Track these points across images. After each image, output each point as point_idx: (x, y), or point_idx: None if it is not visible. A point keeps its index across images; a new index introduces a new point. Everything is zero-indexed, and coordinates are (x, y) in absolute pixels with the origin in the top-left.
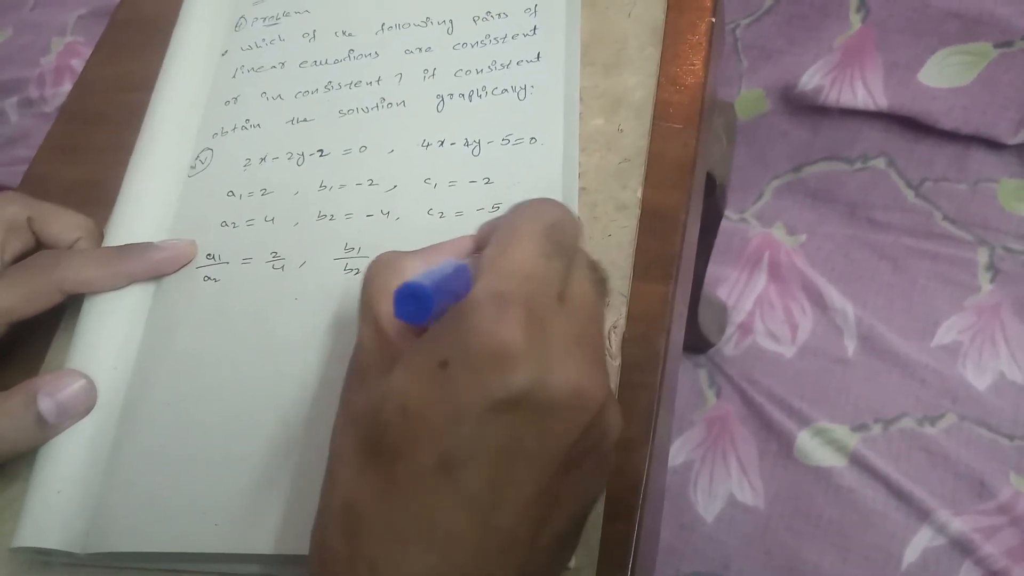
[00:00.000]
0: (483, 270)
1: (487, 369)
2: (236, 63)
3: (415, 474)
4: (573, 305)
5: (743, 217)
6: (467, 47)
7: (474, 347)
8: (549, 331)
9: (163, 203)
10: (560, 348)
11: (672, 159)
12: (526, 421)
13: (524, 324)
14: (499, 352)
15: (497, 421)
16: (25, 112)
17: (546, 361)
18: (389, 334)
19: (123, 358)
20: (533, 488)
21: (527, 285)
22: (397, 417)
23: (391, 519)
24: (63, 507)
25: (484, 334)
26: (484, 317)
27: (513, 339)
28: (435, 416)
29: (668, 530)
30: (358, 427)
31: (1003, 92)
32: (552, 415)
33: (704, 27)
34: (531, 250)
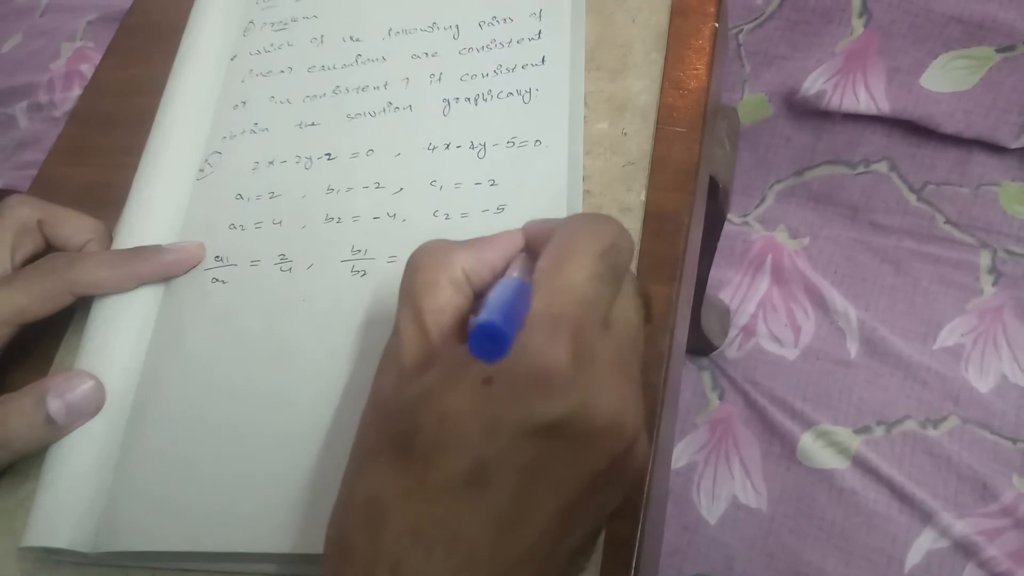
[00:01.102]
0: (538, 286)
1: (531, 392)
2: (245, 68)
3: (444, 482)
4: (617, 330)
5: (746, 220)
6: (473, 51)
7: (522, 368)
8: (595, 357)
9: (172, 206)
10: (603, 375)
11: (676, 162)
12: (561, 447)
13: (573, 349)
14: (545, 376)
15: (532, 444)
16: (35, 117)
17: (589, 389)
18: (431, 332)
19: (132, 359)
20: (556, 509)
21: (579, 309)
22: (433, 423)
23: (417, 522)
24: (73, 506)
25: (533, 356)
26: (535, 339)
27: (560, 364)
28: (472, 430)
29: (671, 532)
30: (391, 423)
31: (1005, 96)
32: (587, 444)
33: (708, 32)
34: (586, 271)
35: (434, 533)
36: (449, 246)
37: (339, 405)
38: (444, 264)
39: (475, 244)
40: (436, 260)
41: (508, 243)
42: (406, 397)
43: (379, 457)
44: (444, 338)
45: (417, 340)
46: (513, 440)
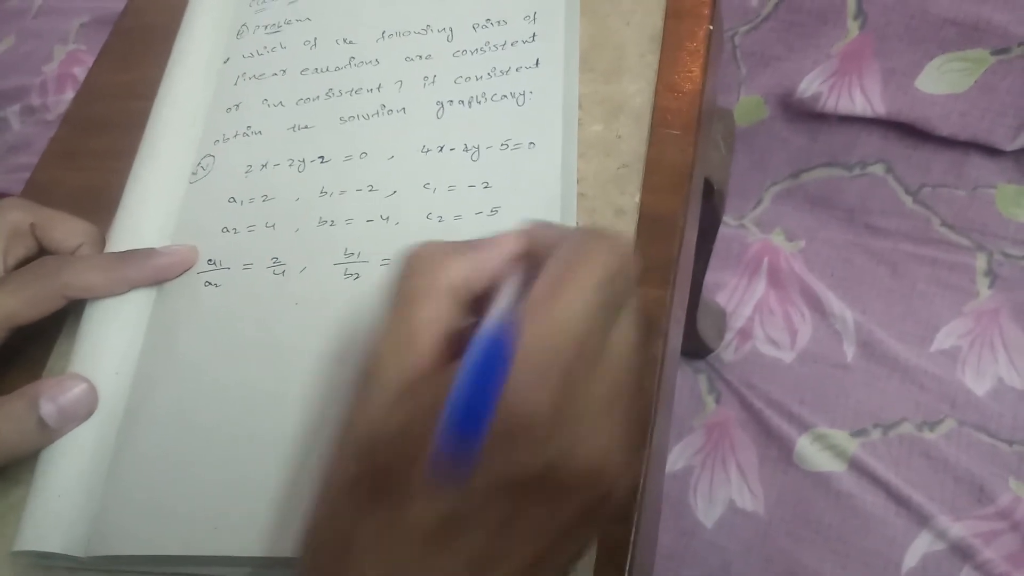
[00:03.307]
0: (529, 318)
1: (510, 445)
2: (238, 70)
3: (415, 527)
4: (611, 364)
5: (742, 223)
6: (467, 54)
7: (503, 416)
8: (581, 401)
9: (165, 209)
10: (588, 421)
11: (670, 165)
12: (536, 500)
13: (558, 395)
14: (526, 428)
15: (508, 497)
16: (27, 120)
17: (570, 439)
18: (421, 345)
19: (125, 363)
20: (530, 554)
21: (570, 348)
22: (406, 466)
23: (388, 566)
24: (65, 511)
25: (515, 404)
26: (519, 385)
27: (541, 414)
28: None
29: (668, 536)
30: (371, 455)
31: (1000, 99)
32: (564, 496)
33: (702, 34)
34: (583, 304)
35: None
36: (447, 250)
37: (331, 409)
38: (441, 270)
39: (474, 248)
40: (433, 265)
41: (508, 247)
42: (389, 429)
43: (356, 489)
44: (435, 353)
45: (405, 354)
46: (488, 493)
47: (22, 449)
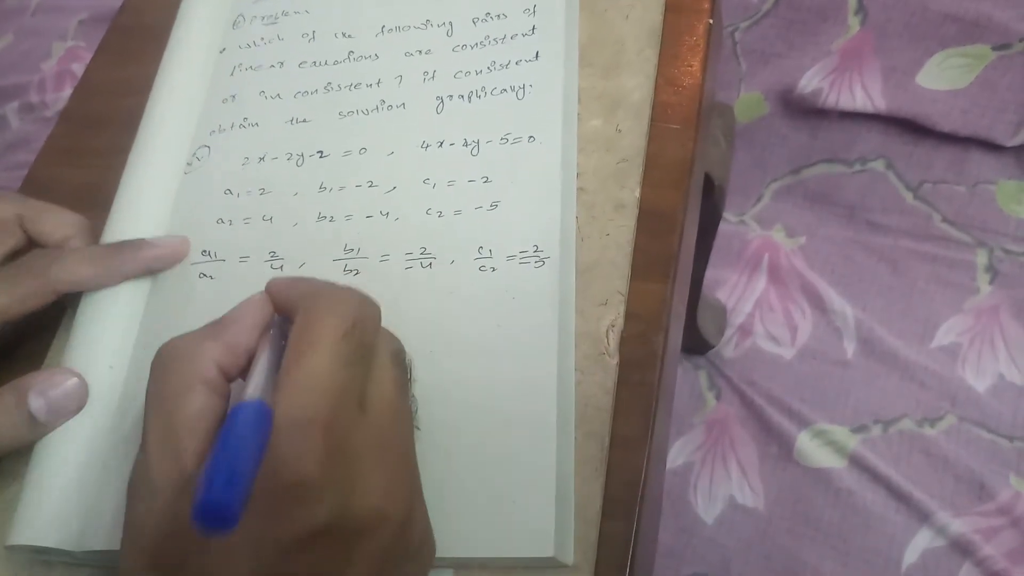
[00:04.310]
0: (280, 386)
1: (288, 506)
2: (234, 61)
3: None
4: (374, 409)
5: (742, 219)
6: (466, 48)
7: (274, 483)
8: (350, 450)
9: (160, 199)
10: (362, 468)
11: (670, 160)
12: (329, 550)
13: (323, 451)
14: (298, 487)
15: (301, 555)
16: (26, 117)
17: (347, 486)
18: (184, 448)
19: (119, 356)
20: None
21: (326, 402)
22: (195, 554)
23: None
24: (59, 505)
25: (283, 469)
26: (282, 452)
27: (311, 472)
28: (236, 554)
29: (668, 532)
30: (151, 557)
31: (1001, 95)
32: (355, 540)
33: (702, 29)
34: (329, 360)
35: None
36: (195, 342)
37: None
38: (194, 365)
39: (221, 329)
40: (184, 362)
41: (256, 316)
42: (168, 529)
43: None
44: (200, 451)
45: (170, 458)
46: (281, 558)
47: (11, 443)
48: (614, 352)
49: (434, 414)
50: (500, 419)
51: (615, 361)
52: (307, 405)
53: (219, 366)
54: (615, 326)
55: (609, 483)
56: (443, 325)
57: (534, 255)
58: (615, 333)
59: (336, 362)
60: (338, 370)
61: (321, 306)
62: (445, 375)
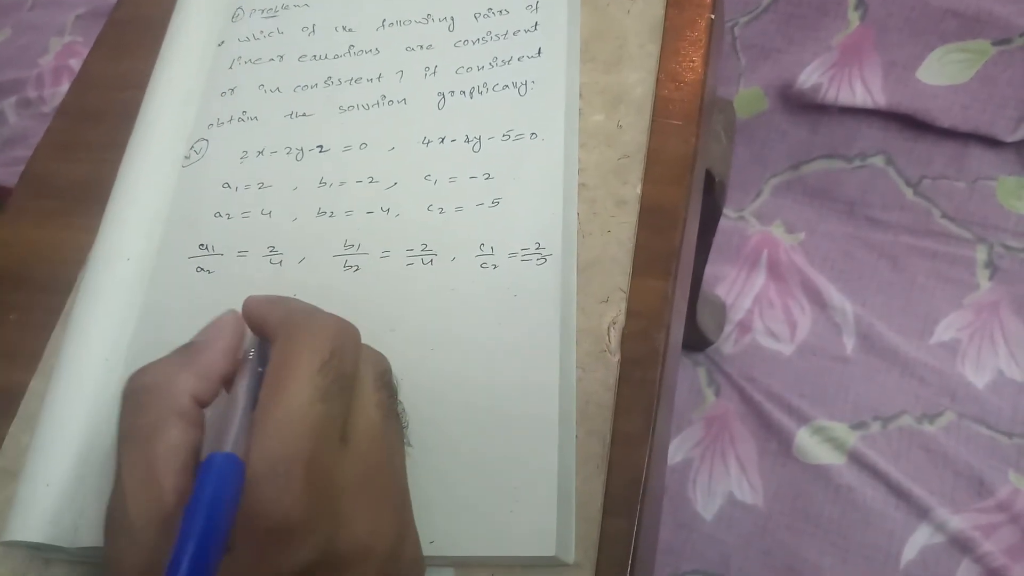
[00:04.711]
0: (256, 425)
1: (273, 549)
2: (233, 54)
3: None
4: (357, 439)
5: (742, 215)
6: (468, 44)
7: (257, 527)
8: (334, 485)
9: (158, 193)
10: (347, 501)
11: (672, 155)
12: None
13: (305, 490)
14: (283, 529)
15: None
16: (23, 112)
17: (332, 525)
18: (162, 485)
19: (115, 350)
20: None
21: (306, 440)
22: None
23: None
24: (52, 501)
25: (265, 513)
26: (263, 495)
27: (294, 513)
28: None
29: (667, 529)
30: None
31: (1001, 90)
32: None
33: (703, 24)
34: (307, 394)
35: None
36: (168, 373)
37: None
38: (168, 398)
39: (194, 356)
40: (158, 396)
41: (228, 339)
42: (147, 568)
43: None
44: (179, 487)
45: (148, 497)
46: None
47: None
48: (615, 349)
49: (434, 412)
50: (501, 417)
51: (616, 358)
52: (285, 445)
53: (193, 396)
54: (616, 323)
55: (610, 481)
56: (444, 322)
57: (536, 252)
58: (616, 330)
59: (314, 397)
60: (316, 405)
61: (296, 337)
62: (446, 373)
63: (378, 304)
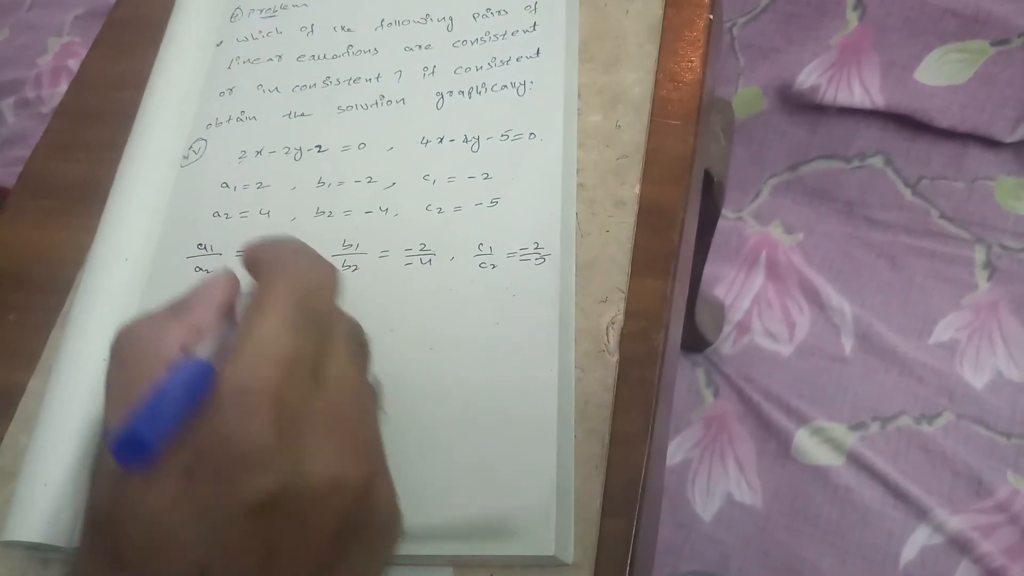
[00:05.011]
0: (233, 353)
1: (235, 474)
2: (231, 54)
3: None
4: (329, 383)
5: (740, 216)
6: (467, 44)
7: (219, 452)
8: (302, 418)
9: (156, 192)
10: (315, 435)
11: (670, 155)
12: (283, 519)
13: (273, 418)
14: (246, 454)
15: (253, 525)
16: (22, 113)
17: (299, 454)
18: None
19: None
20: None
21: (276, 372)
22: (142, 531)
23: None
24: (50, 501)
25: (229, 437)
26: (228, 418)
27: (260, 439)
28: (184, 528)
29: (666, 529)
30: (103, 536)
31: (1000, 90)
32: (310, 509)
33: (702, 24)
34: (280, 326)
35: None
36: (158, 325)
37: None
38: (158, 349)
39: (185, 310)
40: (148, 346)
41: (219, 295)
42: (113, 508)
43: (91, 553)
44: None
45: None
46: (232, 529)
47: None
48: (614, 349)
49: (433, 412)
50: (500, 416)
51: (615, 358)
52: (255, 371)
53: (183, 348)
54: (615, 323)
55: (609, 480)
56: (443, 322)
57: (535, 252)
58: (615, 330)
59: (286, 328)
60: (288, 336)
61: (277, 275)
62: (444, 372)
63: (377, 304)
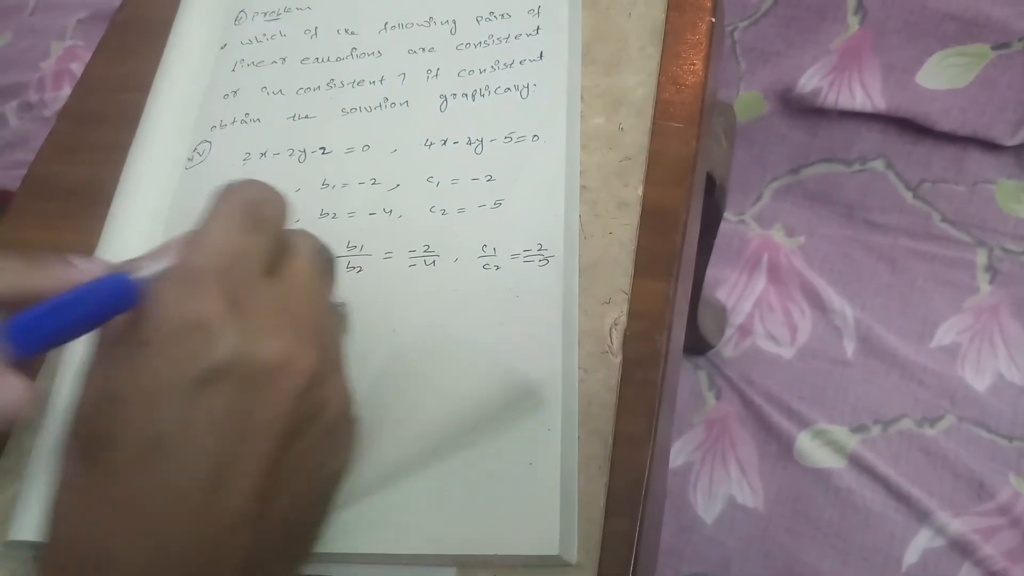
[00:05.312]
0: (180, 249)
1: (185, 342)
2: (235, 57)
3: (123, 460)
4: (284, 281)
5: (742, 219)
6: (470, 47)
7: (168, 321)
8: (251, 303)
9: (161, 195)
10: (265, 320)
11: (673, 157)
12: (234, 391)
13: (219, 295)
14: (196, 323)
15: (205, 394)
16: (25, 116)
17: (248, 329)
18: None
19: None
20: (251, 461)
21: (221, 260)
22: (103, 404)
23: (101, 512)
24: None
25: (178, 308)
26: (176, 292)
27: (209, 309)
28: (138, 398)
29: (668, 531)
30: (73, 423)
31: (1001, 93)
32: (261, 383)
33: (704, 27)
34: (225, 226)
35: (127, 520)
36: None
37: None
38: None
39: (157, 250)
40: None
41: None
42: (83, 393)
43: (66, 460)
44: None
45: (100, 341)
46: (185, 397)
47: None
48: (617, 350)
49: (438, 411)
50: (504, 416)
51: (618, 359)
52: (201, 256)
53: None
54: (618, 324)
55: (612, 481)
56: (446, 323)
57: (538, 253)
58: (618, 331)
59: (233, 229)
60: (235, 235)
61: (223, 191)
62: (449, 373)
63: (381, 305)
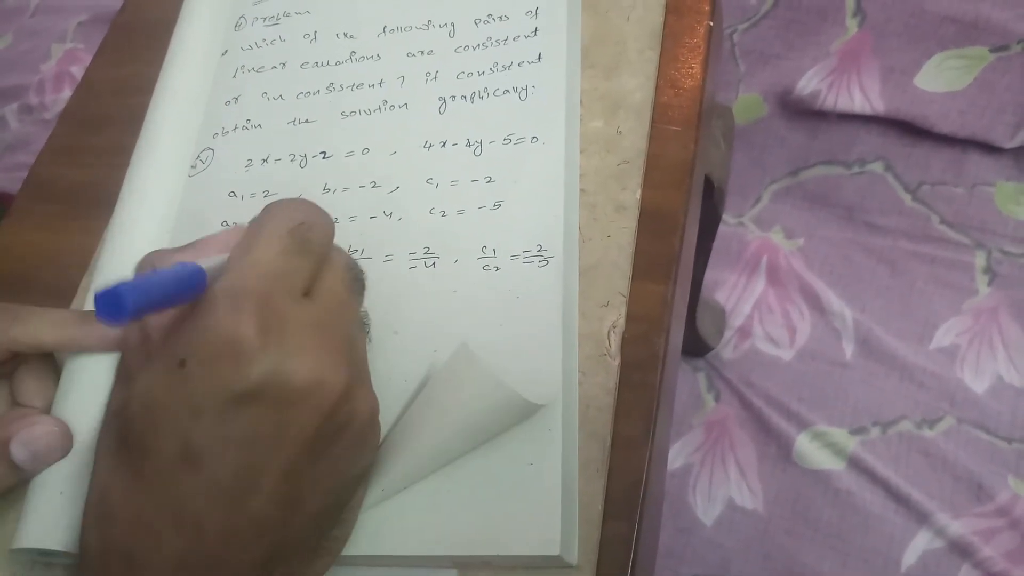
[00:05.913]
0: (227, 269)
1: (222, 364)
2: (236, 63)
3: (160, 465)
4: (318, 300)
5: (741, 221)
6: (469, 49)
7: (208, 343)
8: (287, 323)
9: (164, 203)
10: (299, 339)
11: (671, 161)
12: (266, 410)
13: (258, 318)
14: (233, 346)
15: (237, 412)
16: (25, 119)
17: (282, 352)
18: (150, 332)
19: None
20: (279, 472)
21: (265, 282)
22: (141, 413)
23: (140, 510)
24: (65, 508)
25: (217, 330)
26: (217, 314)
27: (246, 333)
28: (176, 411)
29: (667, 533)
30: (113, 424)
31: (999, 96)
32: (292, 403)
33: (702, 31)
34: (273, 248)
35: (158, 518)
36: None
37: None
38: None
39: (193, 245)
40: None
41: (224, 237)
42: (124, 397)
43: (106, 459)
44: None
45: (139, 341)
46: (217, 413)
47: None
48: (616, 353)
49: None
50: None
51: (617, 362)
52: (244, 279)
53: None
54: (617, 327)
55: (611, 484)
56: (447, 324)
57: (538, 254)
58: (617, 334)
59: (277, 250)
60: (280, 257)
61: (272, 210)
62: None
63: (381, 307)
